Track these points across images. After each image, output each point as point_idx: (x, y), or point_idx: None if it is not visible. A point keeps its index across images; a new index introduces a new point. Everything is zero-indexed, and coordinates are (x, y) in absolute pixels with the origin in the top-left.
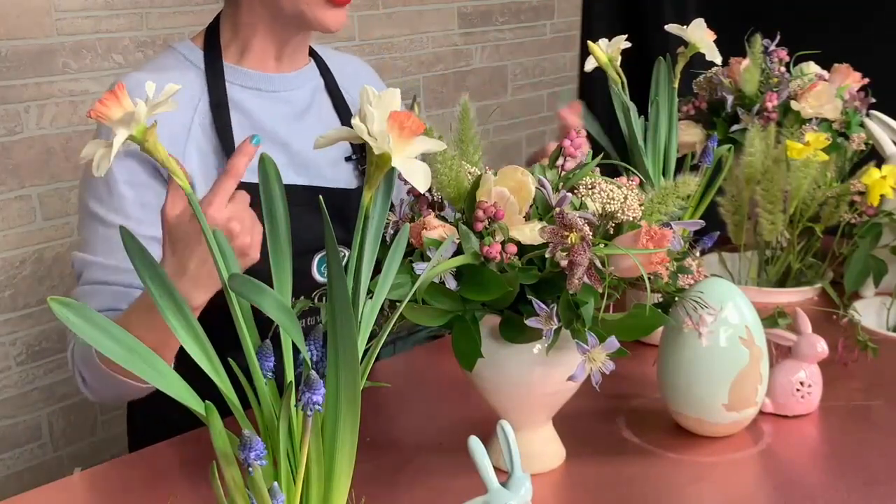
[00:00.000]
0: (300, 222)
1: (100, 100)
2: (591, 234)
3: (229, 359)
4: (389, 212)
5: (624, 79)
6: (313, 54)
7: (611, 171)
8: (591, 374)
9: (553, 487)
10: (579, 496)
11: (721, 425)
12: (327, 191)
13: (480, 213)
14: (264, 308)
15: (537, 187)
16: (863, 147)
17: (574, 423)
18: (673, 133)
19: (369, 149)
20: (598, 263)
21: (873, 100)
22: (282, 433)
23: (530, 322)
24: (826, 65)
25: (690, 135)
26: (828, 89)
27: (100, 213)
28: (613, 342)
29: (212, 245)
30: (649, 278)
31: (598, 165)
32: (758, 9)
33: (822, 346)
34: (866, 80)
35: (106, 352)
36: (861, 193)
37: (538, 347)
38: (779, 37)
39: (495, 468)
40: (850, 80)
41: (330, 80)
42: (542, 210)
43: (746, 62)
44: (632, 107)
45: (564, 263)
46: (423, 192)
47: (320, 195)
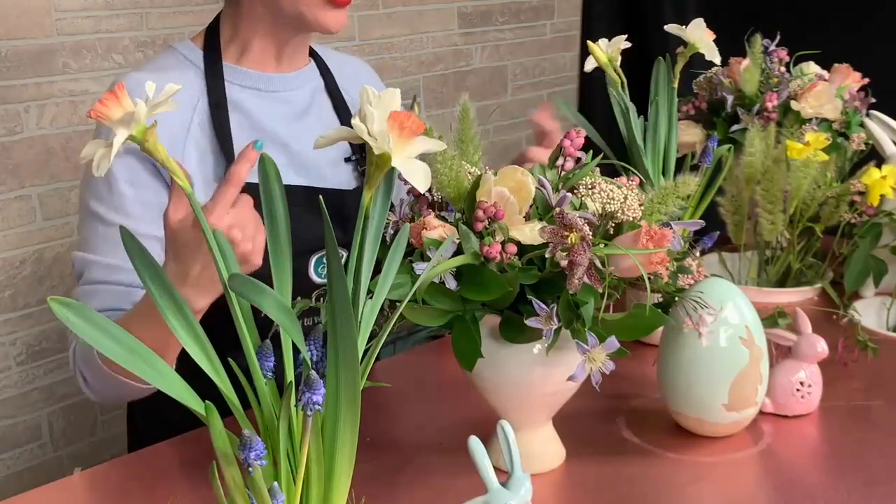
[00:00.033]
0: (300, 223)
1: (100, 100)
2: (591, 234)
3: (229, 359)
4: (389, 212)
5: (624, 79)
6: (313, 54)
7: (611, 171)
8: (591, 374)
9: (553, 487)
10: (579, 496)
11: (721, 425)
12: (327, 191)
13: (480, 213)
14: (264, 308)
15: (537, 187)
16: (863, 147)
17: (574, 423)
18: (673, 133)
19: (369, 149)
20: (598, 263)
21: (873, 100)
22: (282, 433)
23: (530, 322)
24: (826, 65)
25: (690, 135)
26: (828, 89)
27: (100, 211)
28: (613, 342)
29: (212, 245)
30: (649, 278)
31: (598, 165)
32: (758, 9)
33: (822, 346)
34: (866, 80)
35: (106, 352)
36: (861, 193)
37: (538, 347)
38: (779, 37)
39: (495, 468)
40: (850, 80)
41: (330, 80)
42: (542, 210)
43: (746, 62)
44: (631, 107)
45: (564, 263)
46: (423, 192)
47: (320, 196)
